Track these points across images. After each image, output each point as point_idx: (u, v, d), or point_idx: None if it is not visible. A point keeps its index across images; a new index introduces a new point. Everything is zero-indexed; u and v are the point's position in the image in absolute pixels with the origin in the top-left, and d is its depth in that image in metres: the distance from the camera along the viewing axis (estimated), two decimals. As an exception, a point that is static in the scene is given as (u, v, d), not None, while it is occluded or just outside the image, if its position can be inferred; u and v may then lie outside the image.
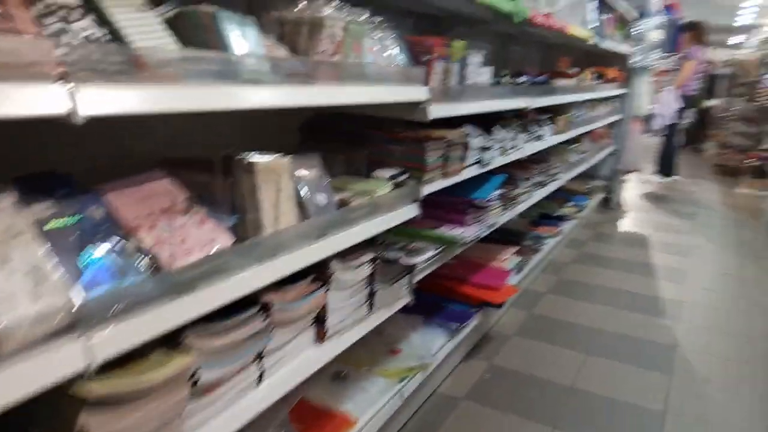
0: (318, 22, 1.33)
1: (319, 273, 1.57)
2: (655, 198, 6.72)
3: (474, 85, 2.23)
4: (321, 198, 1.52)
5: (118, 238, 1.09)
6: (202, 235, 1.20)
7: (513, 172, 2.98)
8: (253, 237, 1.32)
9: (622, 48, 5.23)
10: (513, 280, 3.16)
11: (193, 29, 1.20)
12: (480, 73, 2.29)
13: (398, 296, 1.94)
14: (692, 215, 5.91)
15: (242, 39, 1.21)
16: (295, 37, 1.39)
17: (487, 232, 2.57)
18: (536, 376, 2.57)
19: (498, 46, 3.91)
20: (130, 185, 1.20)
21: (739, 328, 3.20)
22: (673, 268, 4.18)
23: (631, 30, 5.64)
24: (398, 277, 1.92)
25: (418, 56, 1.91)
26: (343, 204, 1.60)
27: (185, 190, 1.27)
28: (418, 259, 1.92)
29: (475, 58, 2.24)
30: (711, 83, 10.23)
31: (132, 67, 0.94)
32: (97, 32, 0.96)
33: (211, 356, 1.23)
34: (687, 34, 7.12)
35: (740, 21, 14.52)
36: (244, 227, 1.36)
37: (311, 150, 1.63)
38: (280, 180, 1.39)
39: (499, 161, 2.59)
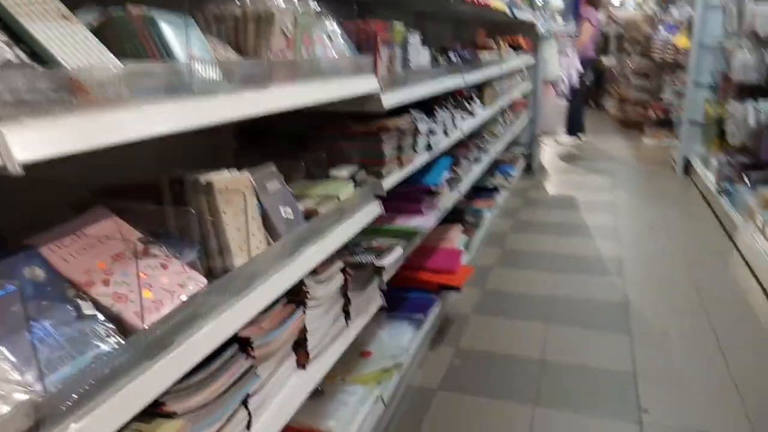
0: (268, 17, 1.16)
1: (292, 293, 1.42)
2: (570, 158, 6.96)
3: (419, 68, 2.12)
4: (287, 211, 1.37)
5: (70, 301, 0.90)
6: (169, 280, 1.02)
7: (454, 152, 2.92)
8: (225, 269, 1.15)
9: (530, 16, 5.29)
10: (464, 258, 3.12)
11: (125, 36, 1.00)
12: (420, 54, 2.18)
13: (371, 300, 1.82)
14: (608, 171, 6.16)
15: (184, 43, 1.03)
16: (239, 35, 1.21)
17: (442, 217, 2.50)
18: (504, 355, 2.54)
19: (414, 25, 3.81)
20: (70, 232, 0.99)
21: (678, 276, 3.34)
22: (604, 226, 4.32)
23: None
24: (369, 280, 1.79)
25: (361, 43, 1.77)
26: (310, 214, 1.45)
27: (135, 227, 1.08)
28: (389, 260, 1.80)
29: (414, 40, 2.12)
30: (603, 42, 10.71)
31: (68, 93, 0.75)
32: (14, 54, 0.76)
33: (196, 415, 1.06)
34: (583, -3, 7.36)
35: None
36: (209, 258, 1.19)
37: (252, 157, 1.47)
38: (244, 199, 1.22)
39: (444, 143, 2.50)
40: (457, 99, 2.97)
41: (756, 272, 3.26)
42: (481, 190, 4.33)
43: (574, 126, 7.90)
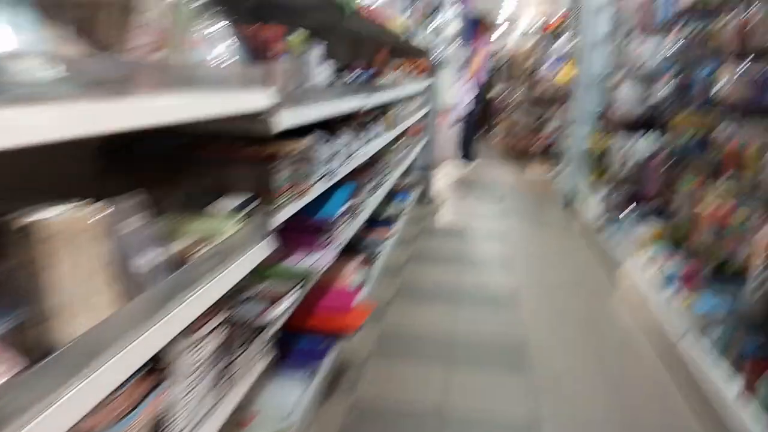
0: (130, 4, 0.87)
1: (154, 360, 1.11)
2: (463, 185, 7.03)
3: (321, 86, 1.89)
4: (150, 257, 1.06)
5: None
6: (-46, 372, 0.68)
7: (354, 179, 2.70)
8: (55, 343, 0.83)
9: (427, 40, 5.27)
10: (362, 295, 2.89)
11: None
12: (321, 70, 1.94)
13: (257, 359, 1.52)
14: (499, 199, 6.26)
15: (9, 29, 0.71)
16: (94, 25, 0.90)
17: (340, 251, 2.26)
18: (403, 405, 2.33)
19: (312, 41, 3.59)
20: None
21: (571, 311, 3.34)
22: (498, 256, 4.31)
23: (432, 23, 5.73)
24: (255, 334, 1.50)
25: (253, 51, 1.50)
26: (182, 258, 1.15)
27: None
28: (280, 310, 1.52)
29: (315, 53, 1.89)
30: (492, 72, 11.14)
31: None
32: None
33: None
34: (477, 26, 7.55)
35: (499, 14, 15.92)
36: (32, 328, 0.85)
37: (117, 183, 1.16)
38: (85, 244, 0.91)
39: (344, 170, 2.28)
40: (358, 122, 2.76)
41: (644, 305, 3.33)
42: (378, 219, 4.15)
43: (466, 153, 8.05)
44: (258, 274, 1.71)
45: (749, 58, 2.31)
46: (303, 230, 2.04)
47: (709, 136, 2.72)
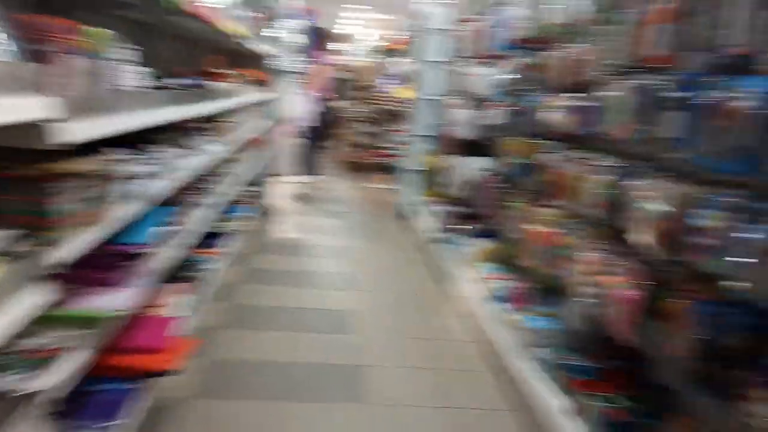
0: None
1: None
2: (304, 199, 6.85)
3: (131, 91, 1.58)
4: None
5: None
6: None
7: (178, 197, 2.39)
8: None
9: (269, 50, 5.03)
10: (187, 325, 2.57)
11: None
12: (133, 73, 1.64)
13: (27, 434, 1.19)
14: (338, 214, 6.19)
15: None
16: None
17: (155, 284, 1.95)
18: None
19: (137, 40, 3.17)
20: None
21: (409, 328, 3.31)
22: (339, 274, 4.20)
23: (275, 32, 5.50)
24: (22, 407, 1.17)
25: (34, 47, 1.19)
26: None
27: None
28: (54, 378, 1.20)
29: (124, 54, 1.59)
30: (339, 87, 11.15)
31: None
32: None
33: None
34: (321, 39, 7.46)
35: (339, 29, 15.98)
36: None
37: None
38: None
39: (163, 188, 1.98)
40: (183, 134, 2.46)
41: (476, 321, 3.40)
42: (210, 236, 3.80)
43: (308, 166, 7.90)
44: (35, 325, 1.37)
45: (575, 90, 2.43)
46: (102, 264, 1.70)
47: (534, 163, 2.84)
